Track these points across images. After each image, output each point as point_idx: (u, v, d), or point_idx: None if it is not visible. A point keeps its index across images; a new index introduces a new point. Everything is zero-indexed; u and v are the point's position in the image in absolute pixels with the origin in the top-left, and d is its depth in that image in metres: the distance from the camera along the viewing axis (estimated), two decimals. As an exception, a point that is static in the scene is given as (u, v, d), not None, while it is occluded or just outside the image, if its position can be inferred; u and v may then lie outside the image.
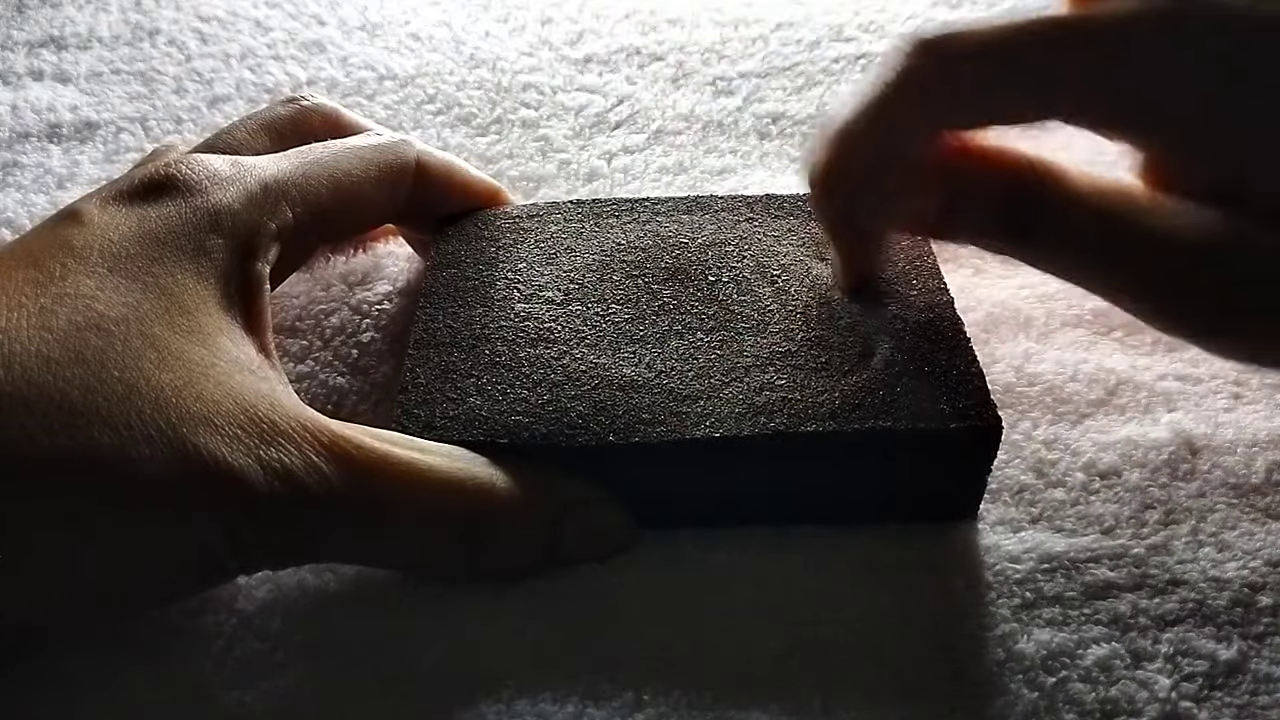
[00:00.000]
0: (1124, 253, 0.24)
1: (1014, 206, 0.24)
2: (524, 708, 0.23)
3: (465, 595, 0.25)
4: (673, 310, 0.28)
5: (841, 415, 0.25)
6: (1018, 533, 0.26)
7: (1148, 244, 0.23)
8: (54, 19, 0.46)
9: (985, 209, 0.25)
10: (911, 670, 0.24)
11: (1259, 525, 0.26)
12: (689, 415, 0.25)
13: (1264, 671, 0.24)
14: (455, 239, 0.31)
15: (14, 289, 0.23)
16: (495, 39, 0.44)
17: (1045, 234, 0.25)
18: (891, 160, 0.25)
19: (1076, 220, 0.24)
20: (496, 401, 0.26)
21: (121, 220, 0.25)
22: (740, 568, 0.26)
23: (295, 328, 0.31)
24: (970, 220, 0.25)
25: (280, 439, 0.22)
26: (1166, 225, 0.23)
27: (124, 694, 0.23)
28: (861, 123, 0.24)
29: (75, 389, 0.21)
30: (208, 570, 0.23)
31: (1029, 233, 0.25)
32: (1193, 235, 0.23)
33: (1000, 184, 0.24)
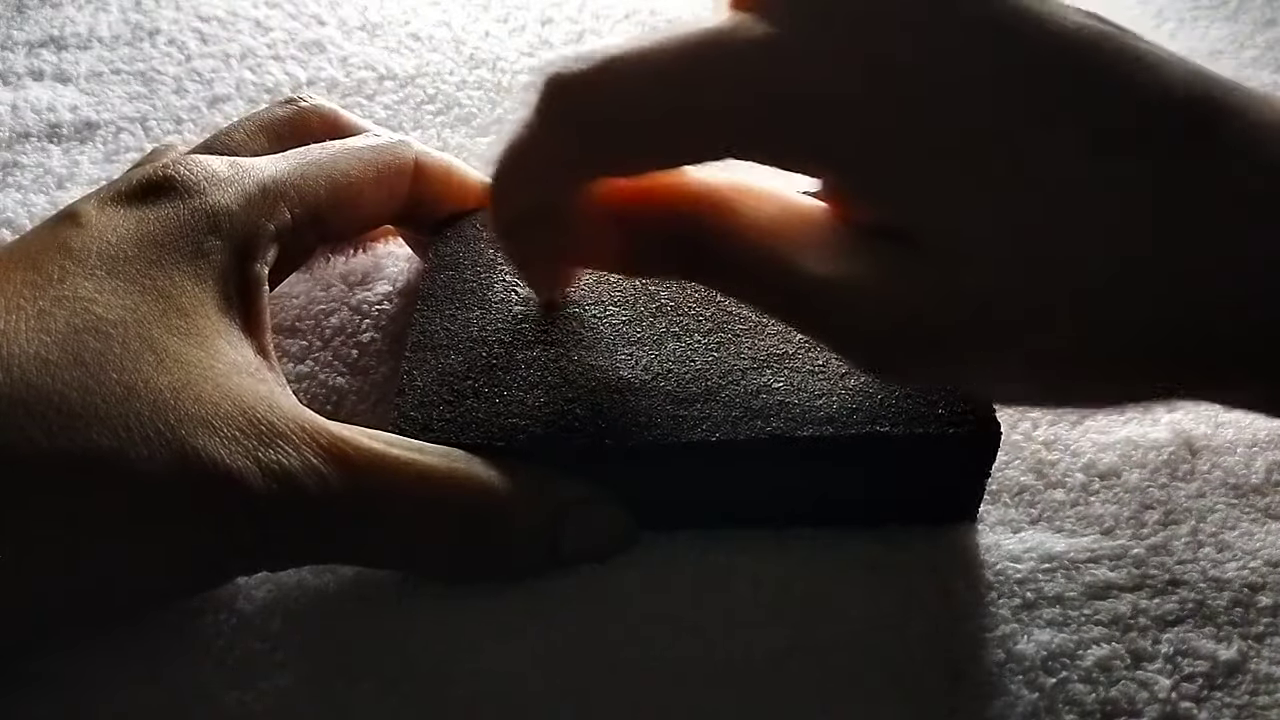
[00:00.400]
0: (799, 293, 0.22)
1: (680, 246, 0.23)
2: (524, 708, 0.23)
3: (465, 595, 0.25)
4: (670, 312, 0.28)
5: (839, 419, 0.25)
6: (1018, 533, 0.26)
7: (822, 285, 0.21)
8: (54, 19, 0.46)
9: (663, 250, 0.24)
10: (911, 670, 0.24)
11: (1259, 525, 0.26)
12: (686, 419, 0.25)
13: (1264, 671, 0.24)
14: (453, 241, 0.31)
15: (12, 291, 0.23)
16: (495, 39, 0.44)
17: (725, 273, 0.23)
18: (549, 211, 0.24)
19: (736, 262, 0.23)
20: (493, 404, 0.26)
21: (120, 222, 0.25)
22: (740, 568, 0.26)
23: (295, 328, 0.31)
24: (651, 260, 0.25)
25: (279, 440, 0.22)
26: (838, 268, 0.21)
27: (124, 694, 0.23)
28: (508, 172, 0.23)
29: (74, 391, 0.21)
30: (207, 571, 0.23)
31: (711, 271, 0.24)
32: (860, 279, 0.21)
33: (668, 225, 0.23)
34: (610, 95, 0.21)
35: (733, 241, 0.23)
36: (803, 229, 0.22)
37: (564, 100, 0.22)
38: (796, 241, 0.22)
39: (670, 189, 0.23)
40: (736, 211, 0.23)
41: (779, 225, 0.22)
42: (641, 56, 0.21)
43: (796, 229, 0.22)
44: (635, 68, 0.21)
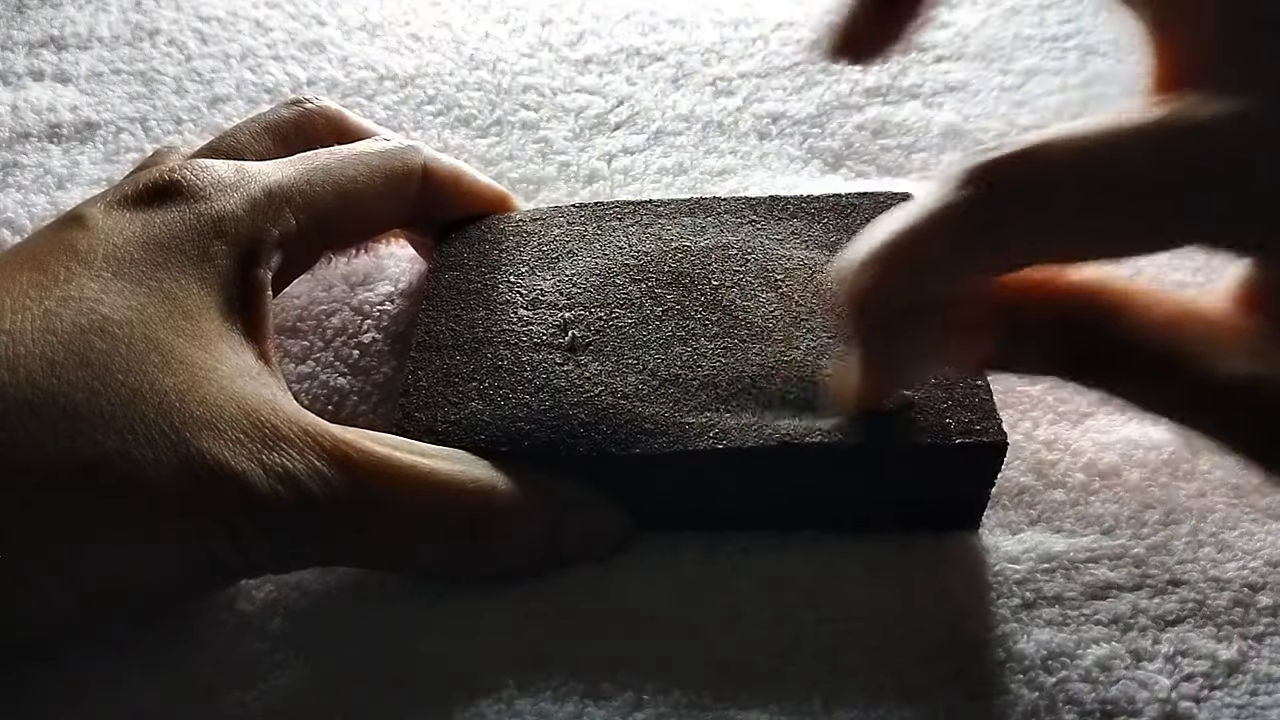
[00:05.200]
0: (1191, 394, 0.21)
1: (1072, 343, 0.22)
2: (524, 708, 0.23)
3: (465, 595, 0.25)
4: (676, 315, 0.27)
5: (846, 429, 0.24)
6: (1018, 533, 0.26)
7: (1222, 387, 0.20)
8: (54, 19, 0.46)
9: (1042, 346, 0.22)
10: (911, 670, 0.24)
11: (1259, 525, 0.26)
12: (693, 426, 0.25)
13: (1264, 671, 0.24)
14: (458, 242, 0.30)
15: (18, 292, 0.23)
16: (495, 40, 0.44)
17: (1107, 373, 0.21)
18: (936, 301, 0.21)
19: (1138, 359, 0.21)
20: (498, 406, 0.25)
21: (126, 225, 0.25)
22: (740, 568, 0.26)
23: (296, 328, 0.31)
24: (1027, 357, 0.22)
25: (282, 443, 0.22)
26: (1241, 367, 0.20)
27: (124, 694, 0.23)
28: (920, 250, 0.20)
29: (79, 392, 0.21)
30: (211, 573, 0.23)
31: (1091, 370, 0.22)
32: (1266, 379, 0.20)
33: (1057, 319, 0.22)
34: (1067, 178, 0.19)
35: (1136, 334, 0.21)
36: (1209, 326, 0.21)
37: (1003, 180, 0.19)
38: (1204, 338, 0.21)
39: (1066, 282, 0.22)
40: (1138, 305, 0.21)
41: (1184, 320, 0.21)
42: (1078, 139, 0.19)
43: (1202, 325, 0.21)
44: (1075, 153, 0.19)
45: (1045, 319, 0.22)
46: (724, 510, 0.26)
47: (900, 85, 0.41)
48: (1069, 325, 0.22)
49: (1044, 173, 0.19)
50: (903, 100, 0.41)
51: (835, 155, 0.38)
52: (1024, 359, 0.23)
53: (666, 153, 0.39)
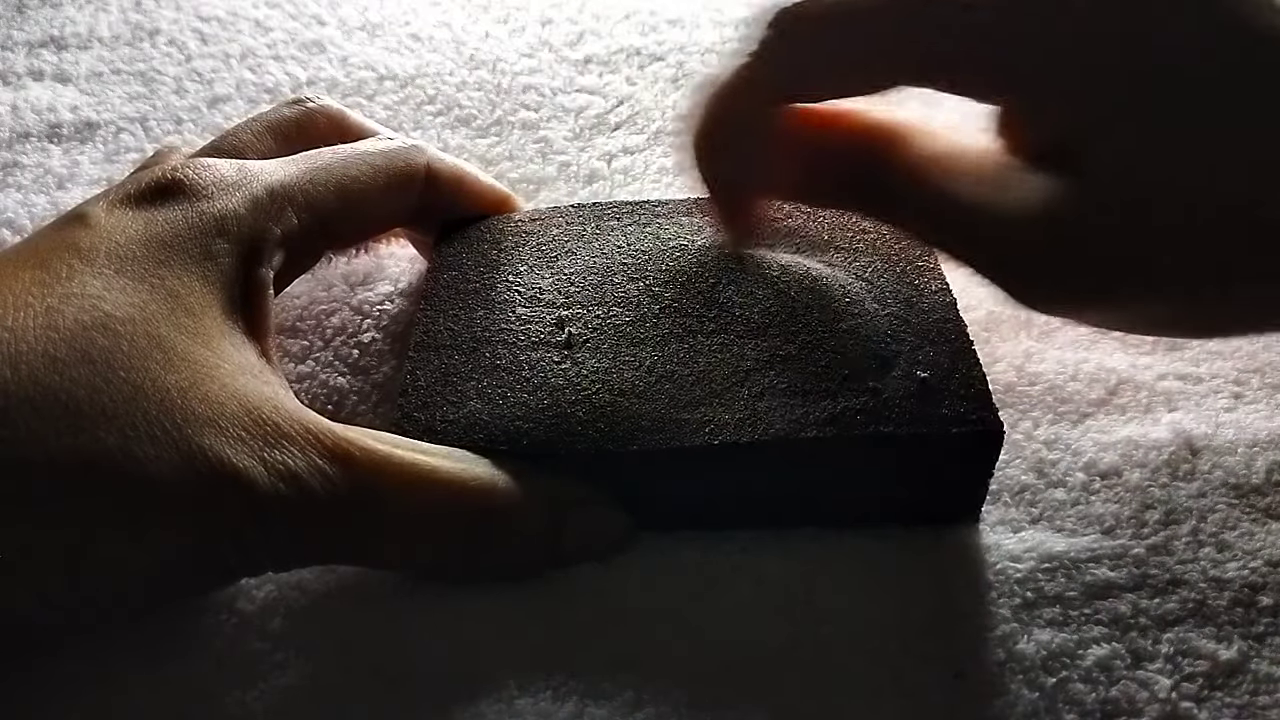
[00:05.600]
0: (947, 218, 0.24)
1: (861, 176, 0.25)
2: (524, 708, 0.23)
3: (465, 595, 0.25)
4: (674, 313, 0.28)
5: (843, 420, 0.24)
6: (1018, 533, 0.26)
7: (983, 215, 0.23)
8: (54, 19, 0.46)
9: (837, 178, 0.26)
10: (911, 670, 0.24)
11: (1259, 525, 0.26)
12: (689, 422, 0.25)
13: (1264, 671, 0.24)
14: (457, 242, 0.31)
15: (20, 289, 0.23)
16: (495, 40, 0.44)
17: (891, 203, 0.25)
18: (747, 130, 0.25)
19: (916, 190, 0.24)
20: (497, 405, 0.26)
21: (128, 223, 0.25)
22: (740, 568, 0.26)
23: (296, 328, 0.31)
24: (826, 188, 0.27)
25: (284, 441, 0.22)
26: (1001, 196, 0.23)
27: (124, 694, 0.23)
28: (723, 90, 0.25)
29: (81, 389, 0.21)
30: (212, 571, 0.23)
31: (873, 199, 0.26)
32: (1020, 206, 0.22)
33: (848, 153, 0.25)
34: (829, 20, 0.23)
35: (901, 169, 0.25)
36: (969, 162, 0.24)
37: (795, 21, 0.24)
38: (962, 172, 0.24)
39: (850, 119, 0.26)
40: (909, 143, 0.25)
41: (947, 157, 0.24)
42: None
43: (964, 162, 0.24)
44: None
45: (837, 153, 0.26)
46: (722, 506, 0.26)
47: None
48: (855, 158, 0.25)
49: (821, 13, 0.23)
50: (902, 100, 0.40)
51: (835, 155, 0.38)
52: (821, 192, 0.27)
53: (666, 153, 0.39)
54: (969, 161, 0.24)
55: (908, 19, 0.23)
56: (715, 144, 0.26)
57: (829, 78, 0.24)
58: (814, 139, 0.26)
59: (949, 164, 0.24)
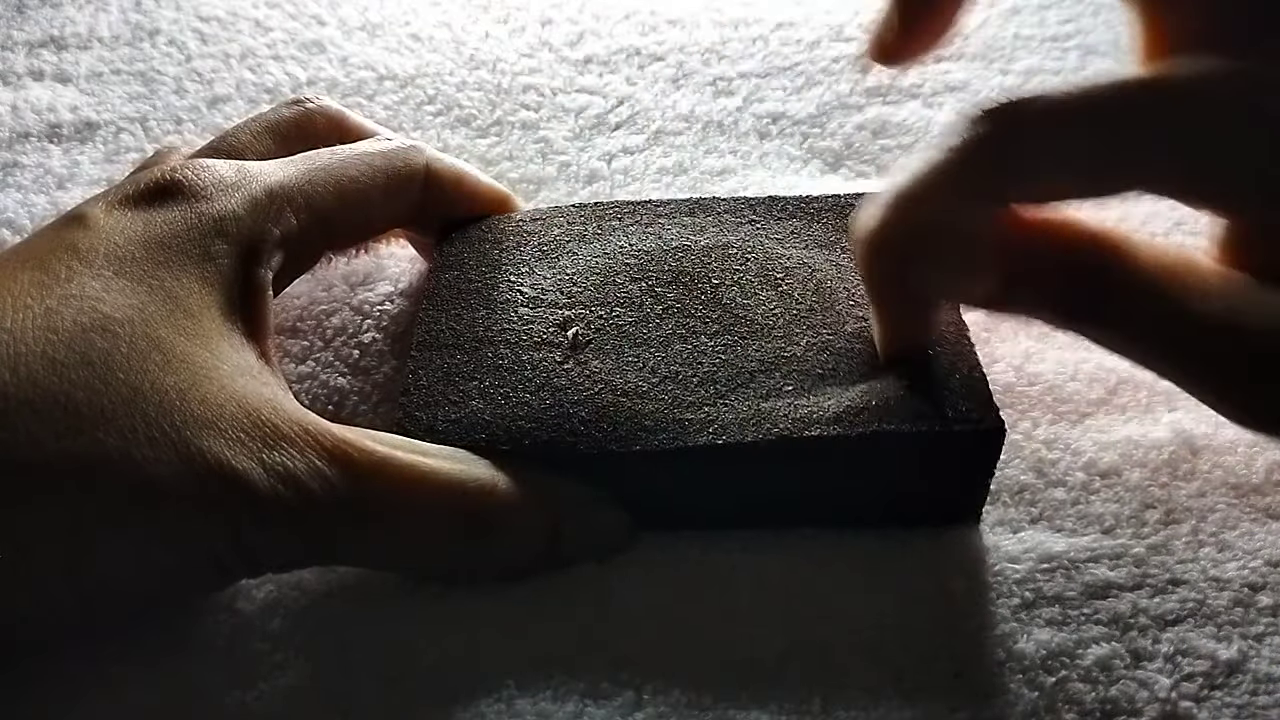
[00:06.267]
0: (1183, 335, 0.22)
1: (1074, 285, 0.23)
2: (524, 707, 0.23)
3: (465, 595, 0.25)
4: (676, 314, 0.27)
5: (845, 420, 0.24)
6: (1018, 532, 0.26)
7: (1210, 327, 0.21)
8: (54, 19, 0.46)
9: (1045, 287, 0.23)
10: (911, 670, 0.24)
11: (1259, 525, 0.26)
12: (692, 422, 0.25)
13: (1264, 671, 0.24)
14: (458, 242, 0.31)
15: (19, 291, 0.23)
16: (495, 40, 0.44)
17: (1106, 315, 0.23)
18: (950, 232, 0.23)
19: (1137, 301, 0.22)
20: (499, 405, 0.26)
21: (127, 224, 0.25)
22: (740, 568, 0.26)
23: (296, 328, 0.31)
24: (1029, 297, 0.23)
25: (283, 443, 0.22)
26: (1231, 307, 0.21)
27: (124, 694, 0.23)
28: (923, 190, 0.22)
29: (80, 391, 0.21)
30: (211, 572, 0.23)
31: (1090, 313, 0.23)
32: (1259, 319, 0.21)
33: (1061, 261, 0.23)
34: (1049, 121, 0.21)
35: (1134, 278, 0.22)
36: (1203, 275, 0.22)
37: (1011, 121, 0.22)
38: (1198, 286, 0.22)
39: (1069, 225, 0.23)
40: (1137, 252, 0.22)
41: (1181, 269, 0.22)
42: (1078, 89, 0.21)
43: (1197, 274, 0.22)
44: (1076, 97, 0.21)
45: (1047, 262, 0.23)
46: (724, 506, 0.26)
47: (900, 85, 0.41)
48: (1069, 269, 0.23)
49: (1037, 113, 0.21)
50: (903, 100, 0.41)
51: (835, 155, 0.38)
52: (1023, 301, 0.24)
53: (666, 153, 0.39)
54: (1202, 273, 0.22)
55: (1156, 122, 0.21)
56: (904, 249, 0.23)
57: (1059, 176, 0.22)
58: (1020, 247, 0.23)
59: (1184, 275, 0.22)
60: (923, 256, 0.23)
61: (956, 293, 0.25)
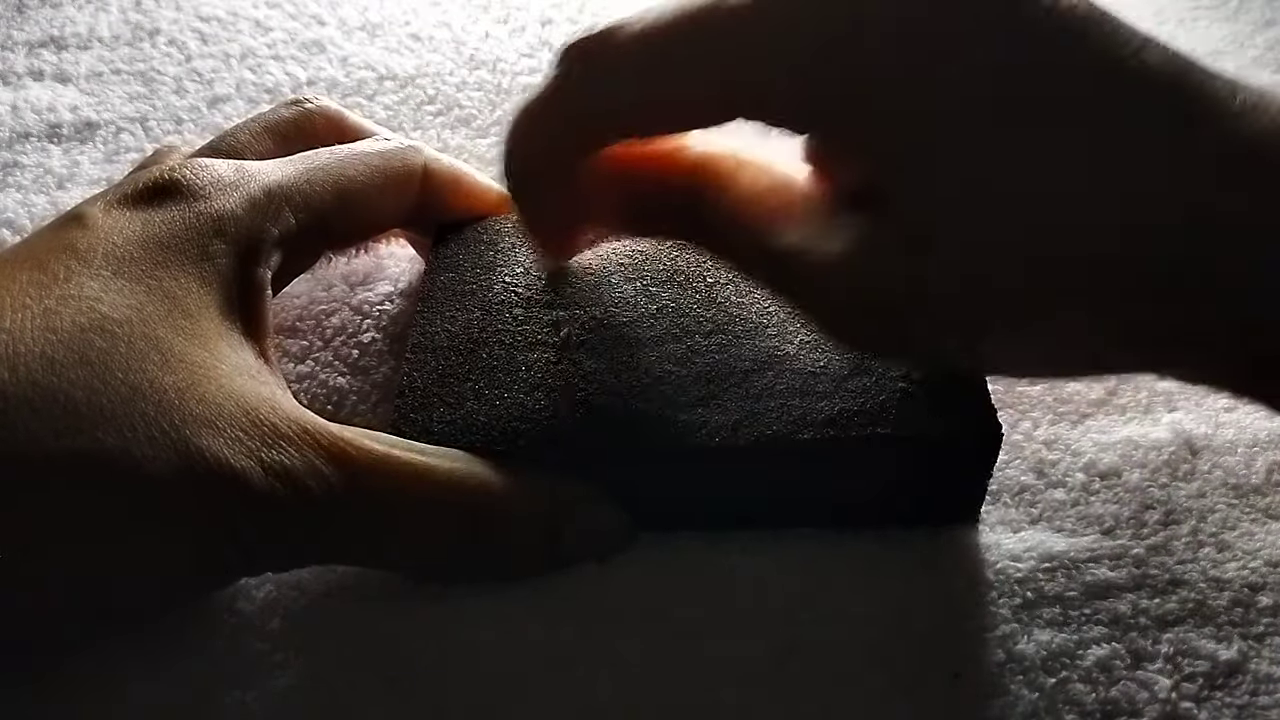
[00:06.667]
0: (776, 267, 0.23)
1: (681, 212, 0.24)
2: (524, 707, 0.23)
3: (465, 595, 0.25)
4: (671, 313, 0.27)
5: (840, 422, 0.24)
6: (1018, 533, 0.26)
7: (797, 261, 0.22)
8: (54, 19, 0.46)
9: (657, 211, 0.25)
10: (911, 670, 0.24)
11: (1259, 525, 0.26)
12: (687, 423, 0.25)
13: (1264, 671, 0.24)
14: (454, 243, 0.31)
15: (18, 290, 0.23)
16: (495, 40, 0.44)
17: (708, 243, 0.25)
18: (556, 166, 0.25)
19: (734, 231, 0.24)
20: (494, 406, 0.26)
21: (125, 224, 0.25)
22: (740, 568, 0.26)
23: (296, 328, 0.31)
24: (648, 221, 0.26)
25: (281, 441, 0.22)
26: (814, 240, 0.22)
27: (124, 694, 0.23)
28: (523, 128, 0.24)
29: (79, 390, 0.21)
30: (210, 572, 0.23)
31: (697, 239, 0.25)
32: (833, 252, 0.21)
33: (667, 190, 0.24)
34: (628, 60, 0.22)
35: (722, 210, 0.24)
36: (788, 201, 0.23)
37: (583, 62, 0.23)
38: (780, 212, 0.23)
39: (671, 155, 0.25)
40: (730, 180, 0.24)
41: (767, 196, 0.23)
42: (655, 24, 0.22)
43: (782, 200, 0.23)
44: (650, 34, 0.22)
45: (658, 191, 0.25)
46: (721, 507, 0.26)
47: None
48: (675, 193, 0.24)
49: (615, 51, 0.22)
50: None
51: (835, 155, 0.38)
52: (646, 222, 0.26)
53: (666, 153, 0.39)
54: (788, 199, 0.23)
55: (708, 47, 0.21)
56: (525, 177, 0.25)
57: (636, 120, 0.23)
58: (630, 176, 0.25)
59: (767, 203, 0.23)
60: (541, 182, 0.25)
61: (581, 221, 0.27)
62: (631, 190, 0.25)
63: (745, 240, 0.23)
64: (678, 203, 0.25)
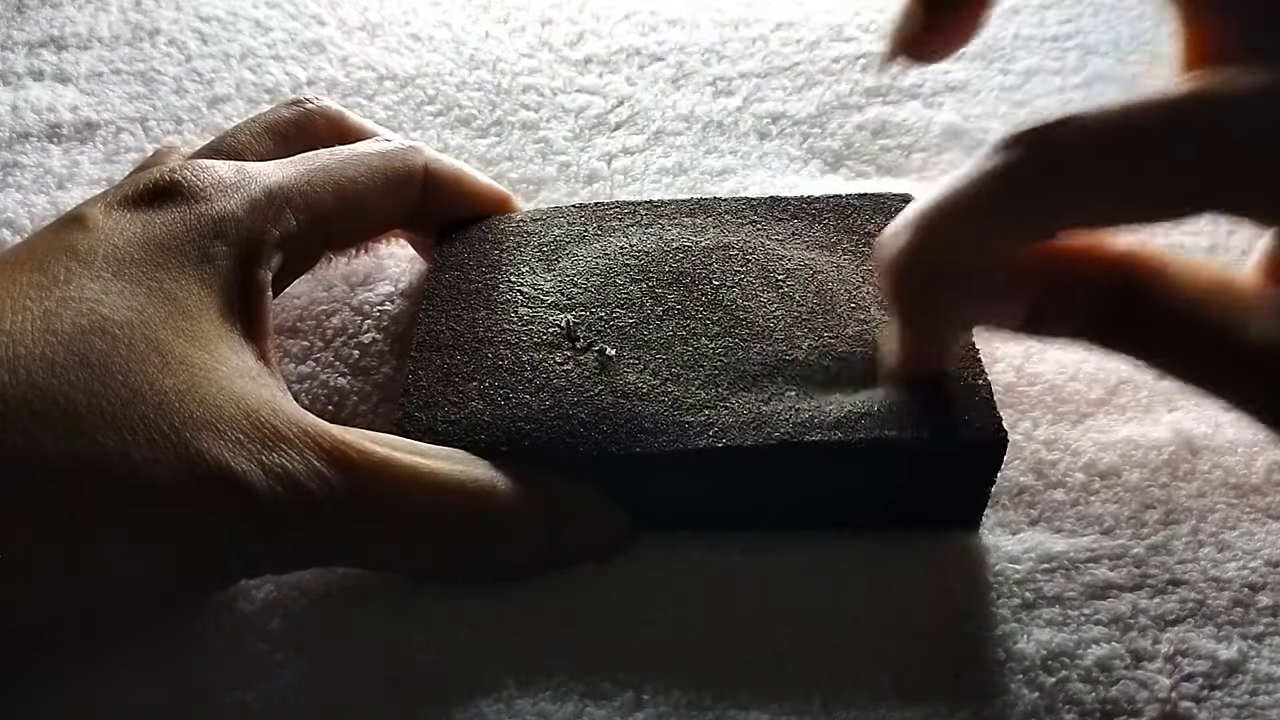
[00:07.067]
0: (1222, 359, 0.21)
1: (1106, 307, 0.22)
2: (524, 708, 0.23)
3: (465, 595, 0.25)
4: (677, 315, 0.27)
5: (846, 425, 0.24)
6: (1018, 533, 0.26)
7: (1242, 352, 0.21)
8: (54, 19, 0.46)
9: (1076, 313, 0.22)
10: (911, 670, 0.24)
11: (1259, 525, 0.26)
12: (692, 425, 0.25)
13: (1264, 671, 0.24)
14: (458, 242, 0.31)
15: (18, 292, 0.23)
16: (495, 40, 0.44)
17: (1142, 339, 0.22)
18: (983, 261, 0.22)
19: (1172, 325, 0.22)
20: (498, 406, 0.25)
21: (126, 225, 0.25)
22: (740, 568, 0.26)
23: (296, 328, 0.31)
24: (1061, 321, 0.23)
25: (282, 444, 0.22)
26: (1264, 333, 0.21)
27: (124, 694, 0.23)
28: (957, 216, 0.21)
29: (79, 393, 0.21)
30: (211, 573, 0.23)
31: (1124, 338, 0.22)
32: None
33: (1093, 283, 0.22)
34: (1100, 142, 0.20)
35: (1169, 298, 0.22)
36: (1241, 294, 0.22)
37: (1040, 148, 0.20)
38: (1235, 305, 0.21)
39: (1099, 248, 0.22)
40: (1171, 272, 0.22)
41: (1216, 288, 0.22)
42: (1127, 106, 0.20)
43: (1234, 294, 0.22)
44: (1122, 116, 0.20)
45: (1081, 285, 0.22)
46: (724, 509, 0.26)
47: (900, 85, 0.41)
48: (1104, 292, 0.22)
49: (1076, 139, 0.20)
50: (903, 100, 0.41)
51: (835, 155, 0.38)
52: (1055, 325, 0.23)
53: (666, 153, 0.39)
54: (1240, 293, 0.22)
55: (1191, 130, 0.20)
56: (933, 274, 0.22)
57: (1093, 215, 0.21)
58: (1053, 271, 0.22)
59: (1220, 294, 0.21)
60: (951, 284, 0.22)
61: (984, 319, 0.24)
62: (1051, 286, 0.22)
63: (1200, 330, 0.21)
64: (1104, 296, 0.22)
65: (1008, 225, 0.21)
